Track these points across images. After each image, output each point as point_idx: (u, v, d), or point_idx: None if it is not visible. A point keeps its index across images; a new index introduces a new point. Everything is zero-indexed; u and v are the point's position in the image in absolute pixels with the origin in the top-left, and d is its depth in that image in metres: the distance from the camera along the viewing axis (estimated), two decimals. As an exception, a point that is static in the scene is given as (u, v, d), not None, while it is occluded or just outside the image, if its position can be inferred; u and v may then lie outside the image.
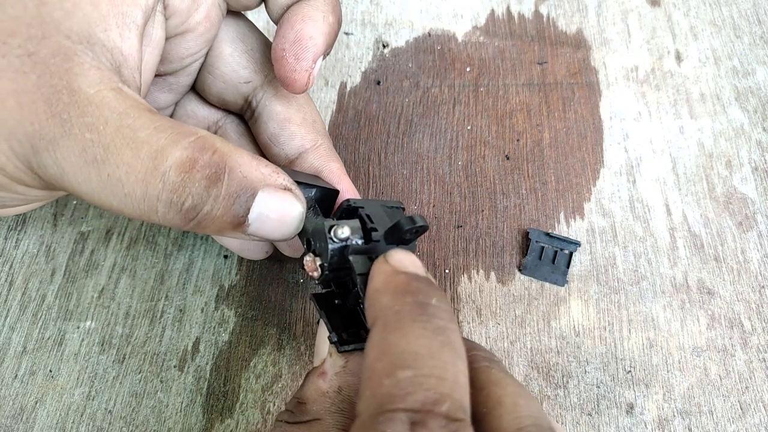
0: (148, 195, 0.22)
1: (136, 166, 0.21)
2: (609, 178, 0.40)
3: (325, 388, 0.25)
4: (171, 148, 0.22)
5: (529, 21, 0.47)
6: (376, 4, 0.47)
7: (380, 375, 0.19)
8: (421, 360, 0.19)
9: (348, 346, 0.26)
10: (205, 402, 0.33)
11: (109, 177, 0.22)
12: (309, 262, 0.26)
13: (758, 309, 0.36)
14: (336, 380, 0.25)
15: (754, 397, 0.33)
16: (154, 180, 0.22)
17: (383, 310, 0.21)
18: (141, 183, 0.22)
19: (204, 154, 0.22)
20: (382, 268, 0.23)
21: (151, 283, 0.36)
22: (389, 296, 0.21)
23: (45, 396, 0.33)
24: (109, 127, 0.22)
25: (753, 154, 0.41)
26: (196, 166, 0.22)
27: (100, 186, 0.22)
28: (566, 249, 0.37)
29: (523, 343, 0.35)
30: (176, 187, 0.22)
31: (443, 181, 0.40)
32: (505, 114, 0.43)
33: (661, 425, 0.32)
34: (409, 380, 0.18)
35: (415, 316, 0.20)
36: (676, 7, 0.47)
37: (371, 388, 0.19)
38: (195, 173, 0.22)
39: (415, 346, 0.19)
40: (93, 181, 0.22)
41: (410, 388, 0.18)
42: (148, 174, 0.22)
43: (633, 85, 0.44)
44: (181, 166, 0.22)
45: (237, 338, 0.34)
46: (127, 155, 0.21)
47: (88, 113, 0.21)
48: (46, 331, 0.34)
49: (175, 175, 0.22)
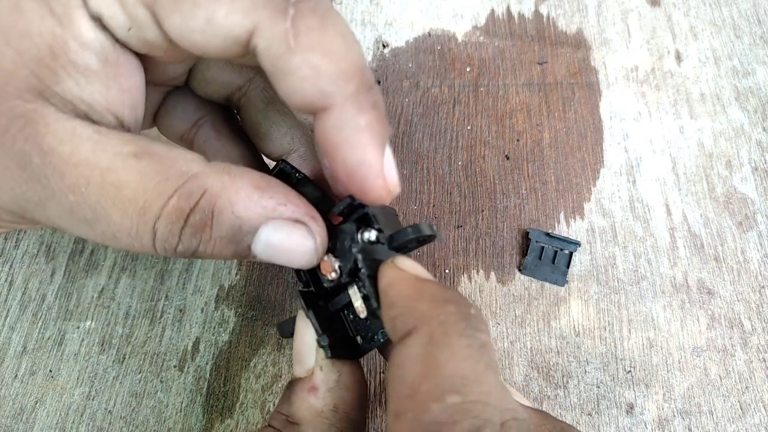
0: (144, 245, 0.22)
1: (126, 225, 0.21)
2: (609, 178, 0.40)
3: (320, 407, 0.24)
4: (157, 202, 0.21)
5: (529, 21, 0.47)
6: (376, 4, 0.47)
7: (426, 398, 0.18)
8: (469, 385, 0.18)
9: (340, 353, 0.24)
10: (205, 402, 0.33)
11: (104, 233, 0.22)
12: (326, 263, 0.24)
13: (758, 309, 0.36)
14: (330, 397, 0.24)
15: (754, 397, 0.33)
16: (146, 234, 0.21)
17: (425, 319, 0.20)
18: (135, 237, 0.21)
19: (191, 201, 0.21)
20: (400, 274, 0.21)
21: (151, 283, 0.36)
22: (429, 304, 0.20)
23: (45, 396, 0.33)
24: (92, 187, 0.21)
25: (753, 154, 0.41)
26: (183, 215, 0.21)
27: (98, 238, 0.22)
28: (566, 249, 0.37)
29: (523, 343, 0.35)
30: (165, 237, 0.22)
31: (443, 181, 0.40)
32: (505, 114, 0.43)
33: (661, 425, 0.32)
34: (457, 407, 0.18)
35: (462, 329, 0.19)
36: (676, 7, 0.47)
37: (414, 411, 0.18)
38: (181, 222, 0.21)
39: (464, 369, 0.18)
40: (90, 234, 0.22)
41: (458, 415, 0.18)
42: (139, 230, 0.21)
43: (633, 85, 0.44)
44: (168, 218, 0.21)
45: (237, 338, 0.34)
46: (115, 215, 0.21)
47: (67, 174, 0.21)
48: (46, 331, 0.34)
49: (164, 227, 0.21)
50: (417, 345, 0.19)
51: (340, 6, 0.47)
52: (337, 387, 0.24)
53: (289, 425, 0.23)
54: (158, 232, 0.21)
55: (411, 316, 0.20)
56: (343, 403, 0.24)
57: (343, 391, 0.24)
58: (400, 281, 0.21)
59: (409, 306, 0.20)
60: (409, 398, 0.18)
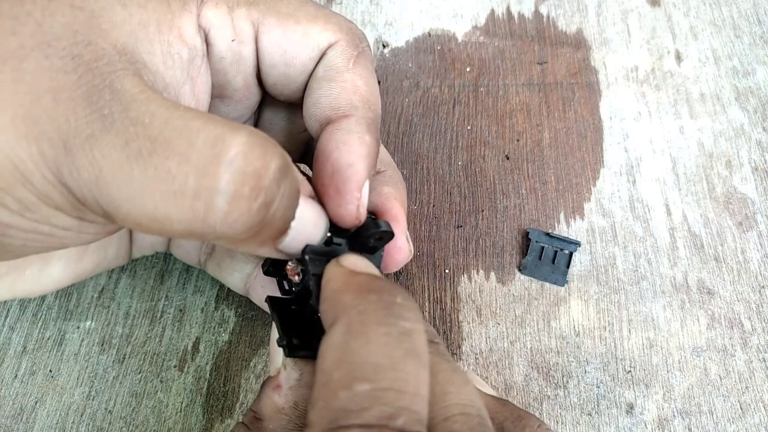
0: (205, 188, 0.18)
1: (191, 155, 0.18)
2: (609, 178, 0.40)
3: (281, 404, 0.24)
4: (233, 135, 0.19)
5: (529, 21, 0.47)
6: (376, 4, 0.47)
7: (336, 386, 0.18)
8: (382, 372, 0.18)
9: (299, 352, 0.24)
10: (205, 402, 0.33)
11: (156, 170, 0.18)
12: (291, 267, 0.25)
13: (758, 309, 0.36)
14: (291, 395, 0.24)
15: (754, 397, 0.33)
16: (216, 168, 0.18)
17: (345, 309, 0.20)
18: (197, 174, 0.18)
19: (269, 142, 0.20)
20: (338, 270, 0.22)
21: (151, 283, 0.36)
22: (351, 295, 0.20)
23: (45, 396, 0.33)
24: (157, 118, 0.19)
25: (753, 154, 0.41)
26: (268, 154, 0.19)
27: (142, 186, 0.18)
28: (566, 249, 0.37)
29: (523, 343, 0.35)
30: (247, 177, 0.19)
31: (443, 181, 0.40)
32: (505, 114, 0.43)
33: (661, 425, 0.32)
34: (366, 394, 0.17)
35: (381, 318, 0.19)
36: (676, 7, 0.47)
37: (325, 398, 0.18)
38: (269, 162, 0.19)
39: (378, 356, 0.18)
40: (135, 180, 0.18)
41: (366, 402, 0.17)
42: (207, 162, 0.18)
43: (633, 85, 0.44)
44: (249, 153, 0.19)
45: (237, 338, 0.34)
46: (179, 144, 0.18)
47: (132, 108, 0.19)
48: (46, 331, 0.34)
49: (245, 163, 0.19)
50: (336, 335, 0.19)
51: (340, 6, 0.47)
52: (298, 385, 0.24)
53: (256, 421, 0.24)
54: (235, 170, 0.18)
55: (335, 308, 0.20)
56: (304, 401, 0.24)
57: (304, 389, 0.24)
58: (335, 277, 0.22)
59: (334, 299, 0.21)
60: (323, 386, 0.18)
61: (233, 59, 0.26)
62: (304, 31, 0.26)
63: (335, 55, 0.26)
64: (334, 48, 0.26)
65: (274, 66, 0.26)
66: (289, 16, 0.26)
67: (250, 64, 0.26)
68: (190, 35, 0.24)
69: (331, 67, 0.26)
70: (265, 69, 0.27)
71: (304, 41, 0.26)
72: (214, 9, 0.25)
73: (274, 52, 0.26)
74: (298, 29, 0.26)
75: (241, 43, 0.25)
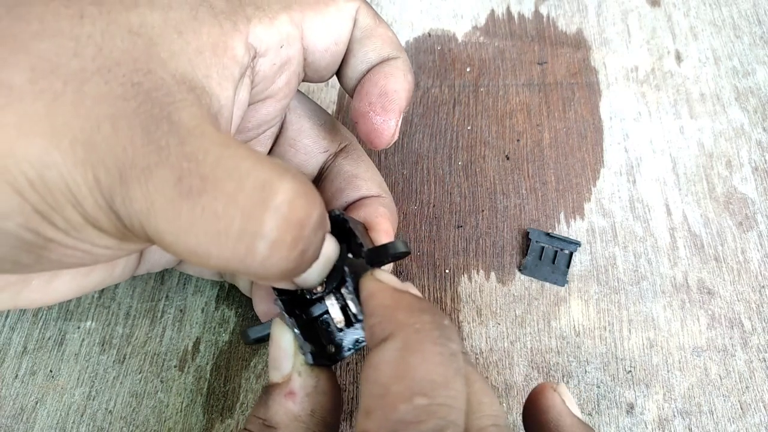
0: (249, 232, 0.19)
1: (239, 199, 0.19)
2: (609, 178, 0.40)
3: (297, 411, 0.24)
4: (280, 181, 0.19)
5: (529, 21, 0.47)
6: (376, 4, 0.47)
7: (396, 399, 0.19)
8: (437, 389, 0.19)
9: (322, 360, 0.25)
10: (206, 402, 0.33)
11: (204, 210, 0.19)
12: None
13: (758, 309, 0.36)
14: (308, 402, 0.24)
15: (754, 397, 0.33)
16: (261, 214, 0.19)
17: (401, 327, 0.21)
18: (242, 217, 0.19)
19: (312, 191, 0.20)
20: (380, 285, 0.23)
21: (152, 283, 0.36)
22: (405, 313, 0.21)
23: (45, 396, 0.33)
24: (210, 156, 0.19)
25: (753, 154, 0.41)
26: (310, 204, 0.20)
27: (189, 223, 0.19)
28: (566, 249, 0.37)
29: (523, 343, 0.35)
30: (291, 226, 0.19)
31: (443, 181, 0.40)
32: (505, 114, 0.43)
33: (661, 425, 0.32)
34: (423, 408, 0.19)
35: (435, 338, 0.21)
36: (676, 7, 0.47)
37: (385, 409, 0.19)
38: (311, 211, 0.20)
39: (433, 373, 0.20)
40: (183, 216, 0.19)
41: (424, 416, 0.19)
42: (254, 207, 0.19)
43: (633, 85, 0.44)
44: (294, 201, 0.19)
45: (237, 338, 0.34)
46: (228, 186, 0.19)
47: (188, 143, 0.19)
48: (47, 331, 0.34)
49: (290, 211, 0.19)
50: (392, 349, 0.20)
51: (340, 6, 0.47)
52: (315, 392, 0.25)
53: (266, 429, 0.24)
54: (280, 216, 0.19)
55: (389, 323, 0.21)
56: (320, 408, 0.25)
57: (320, 395, 0.25)
58: (380, 292, 0.23)
59: (387, 314, 0.22)
60: (380, 397, 0.20)
61: (281, 63, 0.27)
62: (336, 8, 0.28)
63: (364, 15, 0.29)
64: (361, 11, 0.29)
65: (327, 49, 0.29)
66: (318, 2, 0.28)
67: (295, 62, 0.28)
68: (241, 55, 0.24)
69: (365, 27, 0.29)
70: (316, 57, 0.29)
71: (341, 15, 0.29)
72: (259, 25, 0.26)
73: (324, 36, 0.28)
74: (331, 9, 0.28)
75: (288, 46, 0.27)
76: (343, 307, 0.25)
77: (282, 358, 0.25)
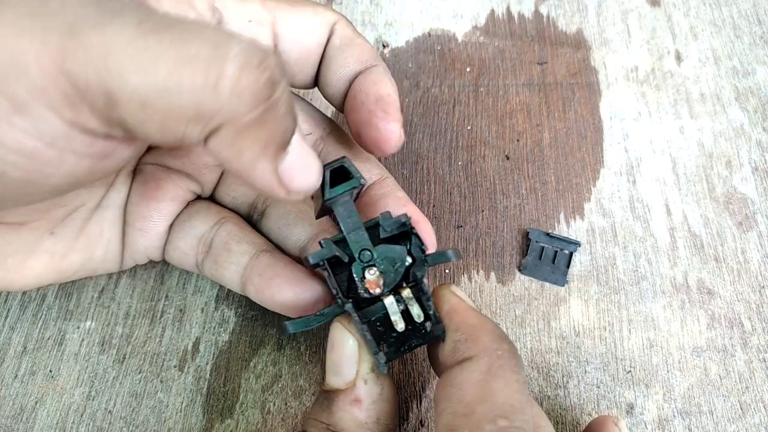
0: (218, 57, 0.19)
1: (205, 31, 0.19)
2: (609, 178, 0.40)
3: (364, 419, 0.25)
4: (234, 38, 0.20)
5: (529, 21, 0.47)
6: (376, 4, 0.47)
7: (481, 419, 0.21)
8: (516, 413, 0.21)
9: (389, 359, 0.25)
10: (205, 402, 0.33)
11: (172, 41, 0.19)
12: (374, 278, 0.26)
13: (758, 309, 0.36)
14: (374, 409, 0.25)
15: (754, 397, 0.33)
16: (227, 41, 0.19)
17: (486, 351, 0.23)
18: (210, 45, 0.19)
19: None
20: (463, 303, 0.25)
21: (151, 283, 0.36)
22: (490, 338, 0.23)
23: (45, 396, 0.33)
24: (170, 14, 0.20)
25: (753, 154, 0.41)
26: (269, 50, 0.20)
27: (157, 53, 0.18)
28: (566, 249, 0.37)
29: (523, 343, 0.35)
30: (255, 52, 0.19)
31: (443, 181, 0.40)
32: (505, 114, 0.43)
33: (661, 425, 0.32)
34: (505, 430, 0.21)
35: (513, 365, 0.23)
36: (676, 7, 0.47)
37: (470, 428, 0.21)
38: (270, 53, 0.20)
39: (512, 398, 0.22)
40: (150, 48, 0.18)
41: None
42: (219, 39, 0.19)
43: (633, 85, 0.44)
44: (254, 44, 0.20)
45: (237, 338, 0.34)
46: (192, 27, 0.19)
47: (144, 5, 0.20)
48: (46, 331, 0.34)
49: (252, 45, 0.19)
50: (477, 372, 0.22)
51: (340, 6, 0.47)
52: (380, 399, 0.25)
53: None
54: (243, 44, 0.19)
55: (475, 344, 0.23)
56: (385, 415, 0.25)
57: (385, 403, 0.25)
58: (464, 310, 0.25)
59: (474, 335, 0.24)
60: (465, 417, 0.21)
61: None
62: (313, 11, 0.30)
63: (343, 27, 0.30)
64: (340, 22, 0.30)
65: (296, 40, 0.30)
66: (296, 2, 0.30)
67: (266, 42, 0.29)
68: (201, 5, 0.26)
69: (344, 36, 0.30)
70: (287, 44, 0.30)
71: (316, 19, 0.30)
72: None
73: (296, 32, 0.29)
74: (307, 10, 0.30)
75: (259, 24, 0.28)
76: (404, 311, 0.26)
77: (345, 364, 0.25)
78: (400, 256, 0.26)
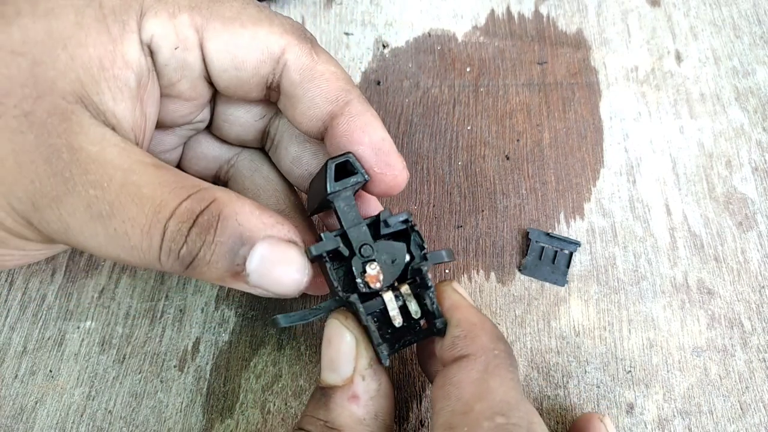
0: (152, 246, 0.23)
1: (141, 220, 0.22)
2: (609, 178, 0.40)
3: (361, 415, 0.25)
4: (172, 201, 0.23)
5: (529, 21, 0.47)
6: (376, 4, 0.47)
7: (480, 416, 0.22)
8: (512, 410, 0.22)
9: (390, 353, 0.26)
10: (205, 402, 0.33)
11: (116, 231, 0.22)
12: (374, 273, 0.26)
13: (758, 309, 0.36)
14: (372, 405, 0.25)
15: (754, 397, 0.33)
16: (157, 231, 0.22)
17: (485, 350, 0.23)
18: (145, 235, 0.22)
19: (201, 204, 0.23)
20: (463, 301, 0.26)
21: (151, 283, 0.36)
22: (488, 337, 0.24)
23: (45, 396, 0.33)
24: (114, 184, 0.22)
25: (753, 154, 0.41)
26: (193, 216, 0.23)
27: (106, 240, 0.23)
28: (566, 249, 0.37)
29: (523, 343, 0.35)
30: (174, 235, 0.22)
31: (443, 181, 0.40)
32: (505, 114, 0.43)
33: (661, 425, 0.32)
34: (502, 426, 0.21)
35: (508, 365, 0.23)
36: (676, 7, 0.47)
37: (470, 425, 0.21)
38: (190, 222, 0.23)
39: (509, 396, 0.22)
40: (100, 235, 0.23)
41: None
42: (151, 226, 0.22)
43: (633, 85, 0.44)
44: (179, 217, 0.22)
45: (237, 338, 0.34)
46: (132, 210, 0.22)
47: (92, 171, 0.22)
48: (47, 331, 0.34)
49: (174, 225, 0.22)
50: (475, 370, 0.23)
51: (340, 6, 0.47)
52: (378, 395, 0.25)
53: (329, 430, 0.24)
54: (168, 230, 0.22)
55: (473, 342, 0.24)
56: (382, 411, 0.25)
57: (383, 399, 0.25)
58: (465, 307, 0.25)
59: (473, 332, 0.24)
60: (463, 414, 0.22)
61: (177, 66, 0.26)
62: (251, 35, 0.26)
63: (297, 55, 0.27)
64: (291, 50, 0.27)
65: (224, 70, 0.27)
66: (234, 19, 0.26)
67: (196, 68, 0.27)
68: (135, 58, 0.25)
69: (302, 68, 0.27)
70: (215, 72, 0.27)
71: (253, 44, 0.26)
72: (153, 19, 0.25)
73: (223, 57, 0.26)
74: (245, 33, 0.26)
75: (185, 50, 0.26)
76: (402, 306, 0.26)
77: (342, 360, 0.25)
78: (399, 252, 0.26)
